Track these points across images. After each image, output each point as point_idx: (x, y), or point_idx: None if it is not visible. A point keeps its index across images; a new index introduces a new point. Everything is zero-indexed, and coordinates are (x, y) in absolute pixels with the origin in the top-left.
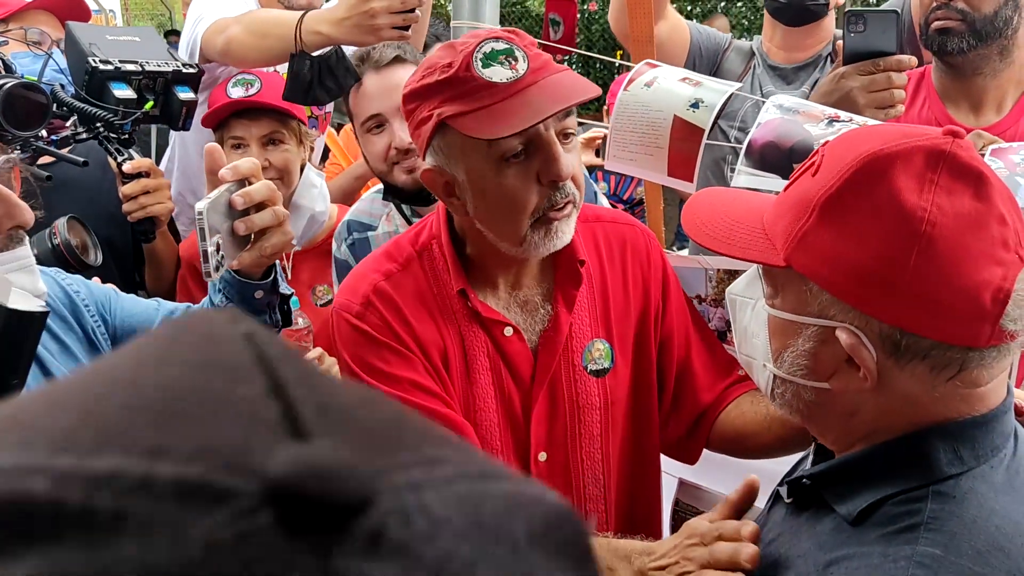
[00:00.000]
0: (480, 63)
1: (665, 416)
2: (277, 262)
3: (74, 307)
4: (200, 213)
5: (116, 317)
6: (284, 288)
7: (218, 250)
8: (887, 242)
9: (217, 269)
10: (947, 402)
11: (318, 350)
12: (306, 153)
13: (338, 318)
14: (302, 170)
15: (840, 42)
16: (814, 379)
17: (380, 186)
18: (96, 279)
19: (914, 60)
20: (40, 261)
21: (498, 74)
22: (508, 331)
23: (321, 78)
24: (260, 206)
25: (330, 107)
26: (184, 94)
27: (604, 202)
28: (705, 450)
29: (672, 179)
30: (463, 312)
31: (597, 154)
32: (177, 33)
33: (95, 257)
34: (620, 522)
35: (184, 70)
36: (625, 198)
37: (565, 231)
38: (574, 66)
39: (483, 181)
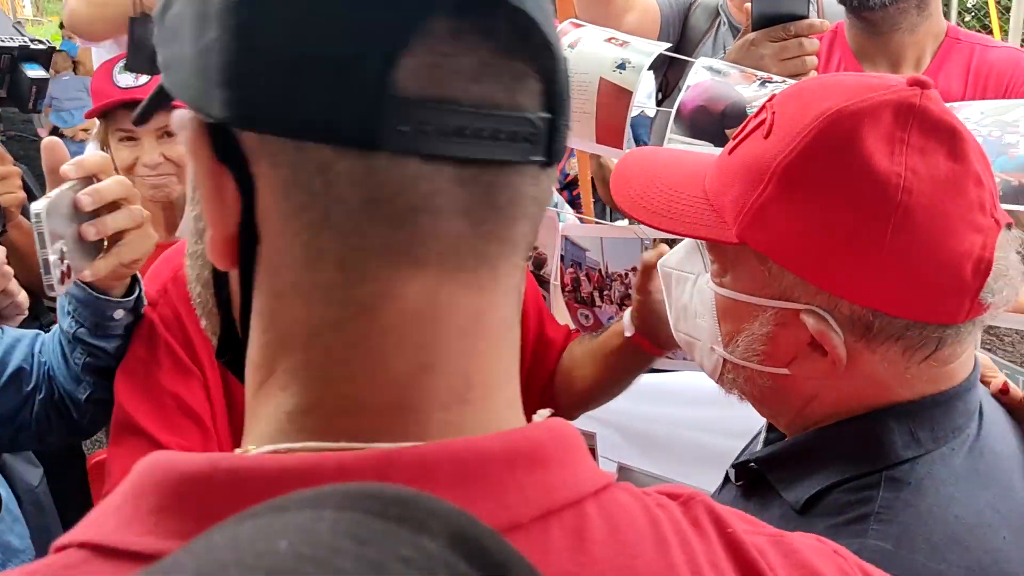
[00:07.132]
0: None
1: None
2: (139, 276)
3: None
4: (38, 215)
5: None
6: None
7: (62, 259)
8: (859, 215)
9: (62, 282)
10: (915, 383)
11: None
12: None
13: None
14: None
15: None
16: (772, 364)
17: None
18: None
19: (827, 24)
20: None
21: None
22: None
23: None
24: (113, 206)
25: None
26: (33, 71)
27: None
28: (649, 432)
29: (601, 146)
30: None
31: None
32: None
33: None
34: None
35: (32, 46)
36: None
37: None
38: None
39: None
